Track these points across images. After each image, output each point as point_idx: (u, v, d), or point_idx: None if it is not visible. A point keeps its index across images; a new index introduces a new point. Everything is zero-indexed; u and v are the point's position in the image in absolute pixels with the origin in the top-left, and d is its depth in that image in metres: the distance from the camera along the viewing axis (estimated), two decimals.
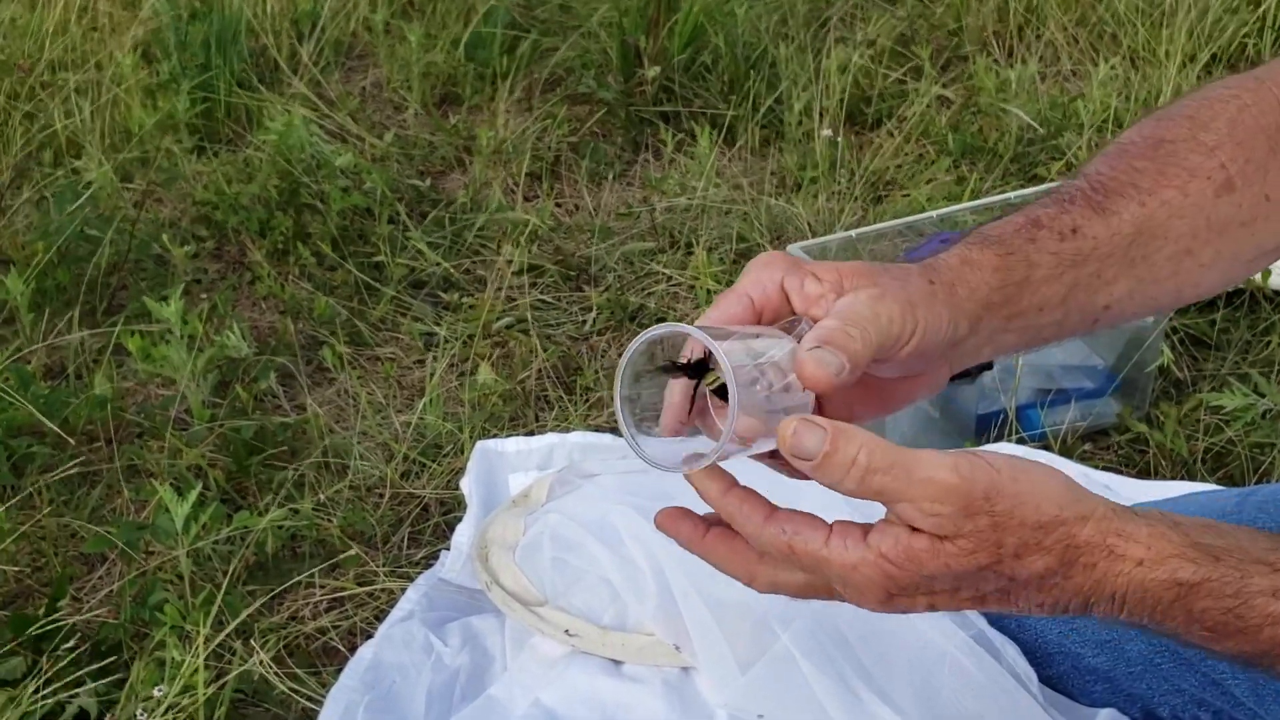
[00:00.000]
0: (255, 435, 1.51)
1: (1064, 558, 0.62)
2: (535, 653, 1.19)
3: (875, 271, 0.68)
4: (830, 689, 1.05)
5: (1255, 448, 1.46)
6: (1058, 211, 0.74)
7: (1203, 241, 0.78)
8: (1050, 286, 0.73)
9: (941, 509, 0.60)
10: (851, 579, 0.62)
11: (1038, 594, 0.63)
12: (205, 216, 2.01)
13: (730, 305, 0.66)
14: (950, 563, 0.61)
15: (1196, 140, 0.78)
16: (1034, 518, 0.62)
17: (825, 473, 0.59)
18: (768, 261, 0.68)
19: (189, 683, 1.10)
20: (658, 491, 1.34)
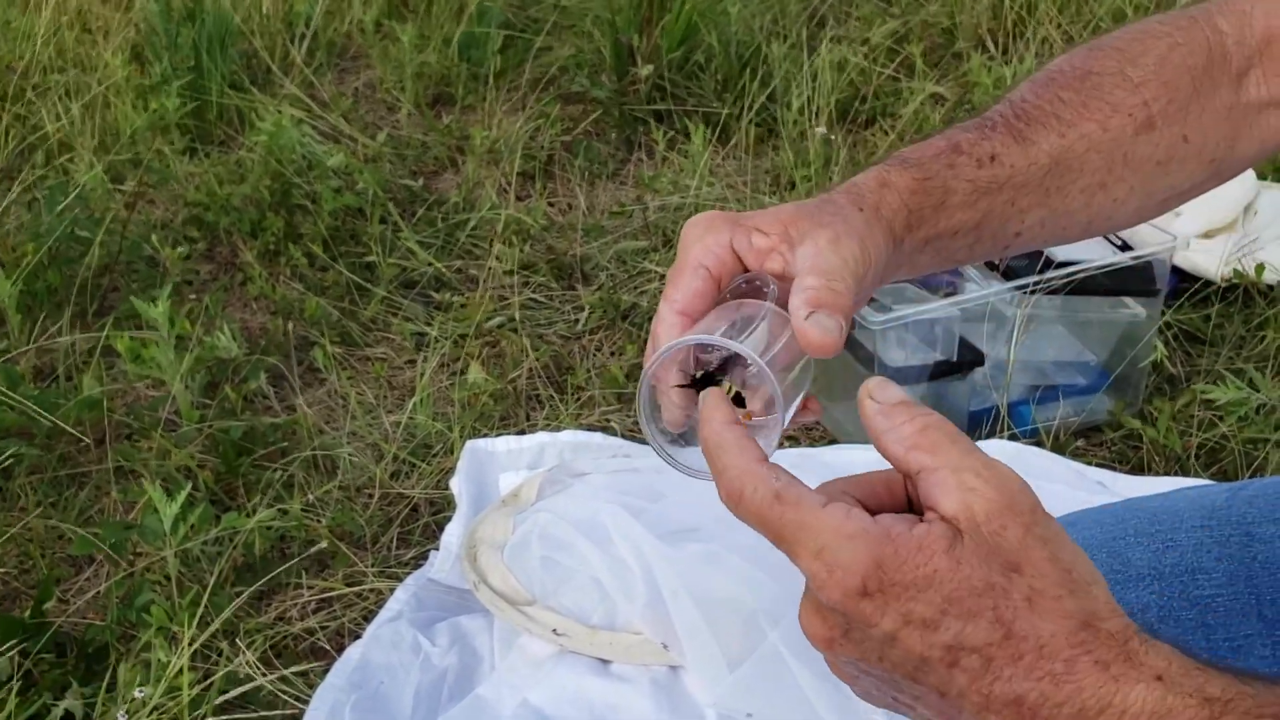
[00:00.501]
0: (244, 436, 1.50)
1: (1078, 637, 0.49)
2: (524, 652, 1.18)
3: (815, 212, 0.67)
4: (819, 687, 1.04)
5: (1249, 443, 1.45)
6: (978, 137, 0.74)
7: (1117, 177, 0.78)
8: (965, 212, 0.73)
9: (986, 489, 0.51)
10: (837, 550, 0.50)
11: (1026, 677, 0.49)
12: (197, 218, 2.01)
13: (692, 282, 0.64)
14: (960, 565, 0.49)
15: (1124, 75, 0.77)
16: (1067, 562, 0.51)
17: (896, 413, 0.54)
18: (708, 226, 0.65)
19: (174, 684, 1.09)
20: (648, 490, 1.34)
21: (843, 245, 0.64)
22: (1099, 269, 1.49)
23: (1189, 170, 0.81)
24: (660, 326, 0.63)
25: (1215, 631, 0.95)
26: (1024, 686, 0.49)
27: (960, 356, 1.49)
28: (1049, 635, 0.49)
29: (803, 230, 0.65)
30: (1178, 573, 1.00)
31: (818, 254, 0.64)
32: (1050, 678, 0.49)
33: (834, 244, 0.64)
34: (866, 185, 0.70)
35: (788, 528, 0.52)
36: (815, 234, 0.65)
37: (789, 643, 1.06)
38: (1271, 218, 1.82)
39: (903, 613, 0.49)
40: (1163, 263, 1.53)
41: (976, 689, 0.49)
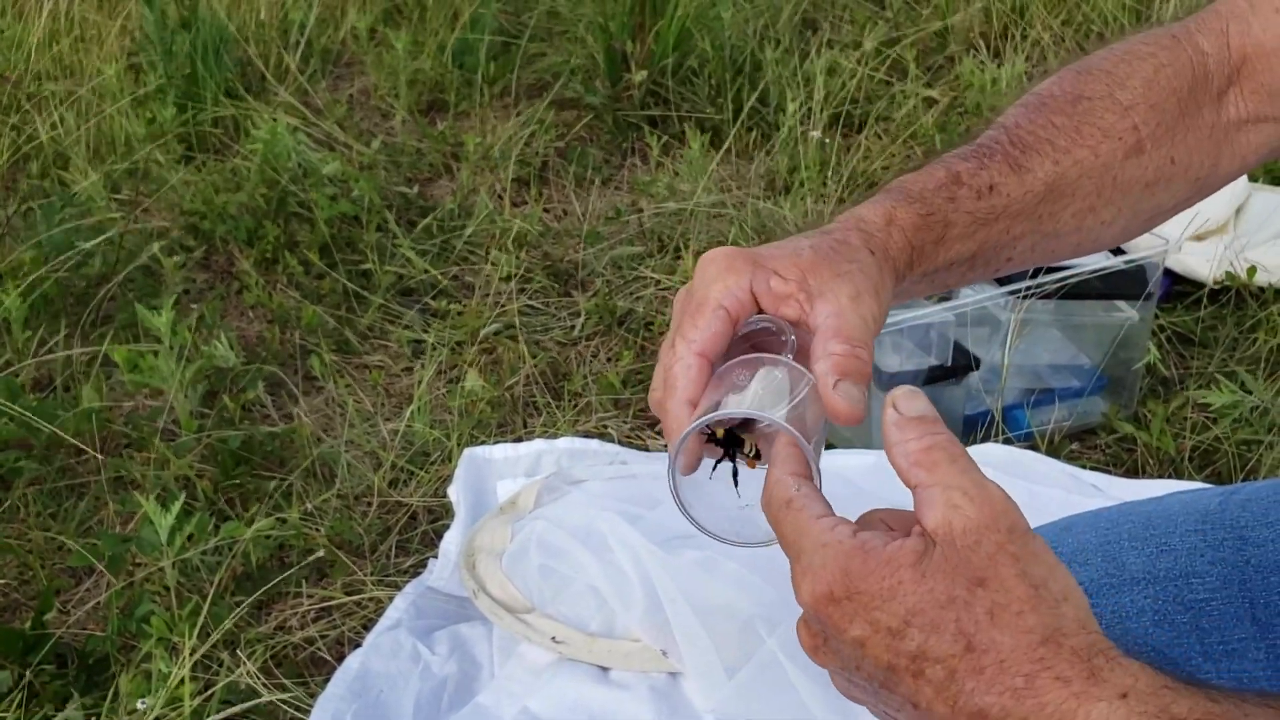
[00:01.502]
0: (243, 445, 1.51)
1: (1037, 653, 0.50)
2: (523, 660, 1.19)
3: (832, 258, 0.68)
4: (817, 693, 1.05)
5: (1242, 445, 1.46)
6: (976, 167, 0.75)
7: (1106, 200, 0.79)
8: (962, 244, 0.74)
9: (969, 507, 0.52)
10: (811, 556, 0.53)
11: (989, 690, 0.50)
12: (193, 226, 2.01)
13: (712, 324, 0.64)
14: (925, 578, 0.51)
15: (1113, 99, 0.79)
16: (1038, 578, 0.51)
17: (909, 428, 0.56)
18: (728, 265, 0.66)
19: (175, 694, 1.09)
20: (645, 497, 1.34)
21: (863, 303, 0.65)
22: (1091, 273, 1.50)
23: (1174, 190, 0.83)
24: (678, 368, 0.63)
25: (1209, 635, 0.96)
26: (987, 700, 0.49)
27: (955, 361, 1.50)
28: (1009, 649, 0.49)
29: (822, 281, 0.66)
30: (1172, 576, 1.01)
31: (840, 314, 0.65)
32: (1011, 692, 0.49)
33: (855, 302, 0.65)
34: (874, 222, 0.71)
35: (788, 533, 0.55)
36: (836, 288, 0.66)
37: (786, 648, 1.07)
38: (1262, 220, 1.83)
39: (869, 620, 0.51)
40: (1155, 266, 1.54)
41: (942, 699, 0.50)
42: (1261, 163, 0.87)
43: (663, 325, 1.79)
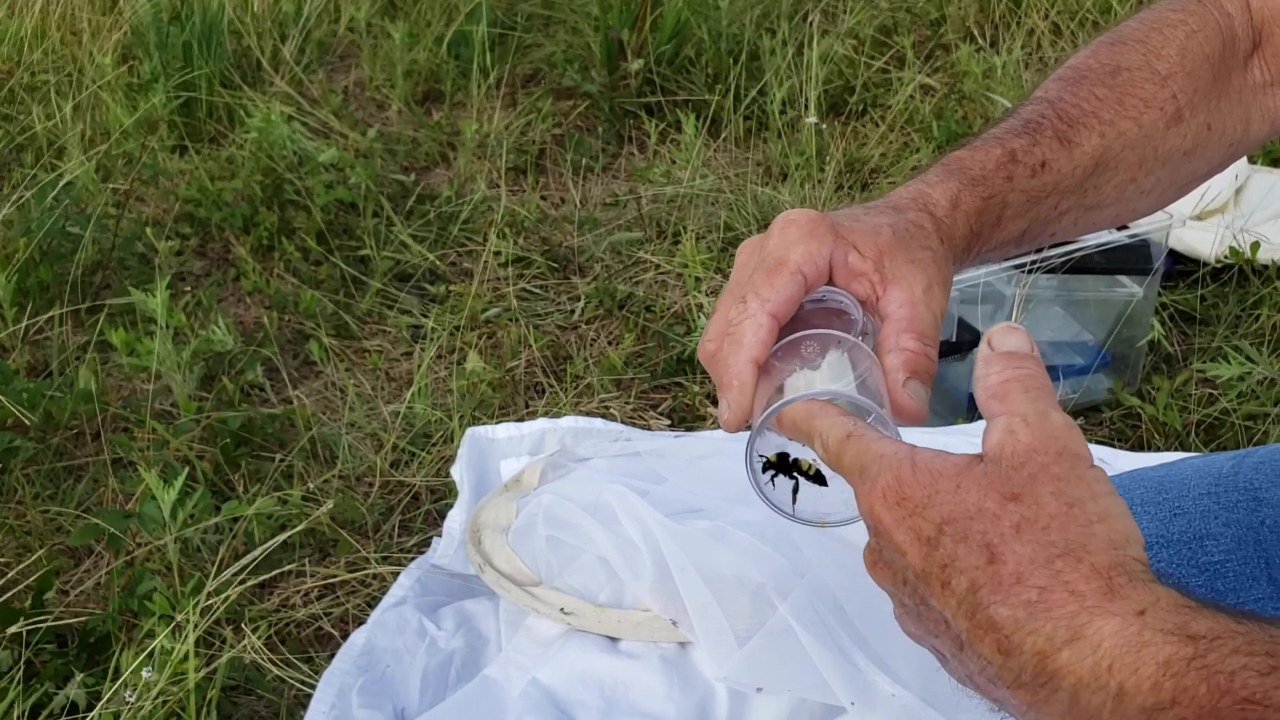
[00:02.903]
0: (242, 427, 1.50)
1: (1055, 566, 0.49)
2: (531, 633, 1.17)
3: (907, 242, 0.68)
4: (829, 659, 1.04)
5: (1248, 418, 1.46)
6: (1029, 144, 0.75)
7: (1147, 170, 0.79)
8: (1015, 223, 0.74)
9: (1024, 432, 0.52)
10: (869, 466, 0.54)
11: (1004, 602, 0.49)
12: (189, 214, 2.00)
13: (788, 287, 0.64)
14: (959, 490, 0.51)
15: (1151, 69, 0.79)
16: (1074, 498, 0.50)
17: (994, 362, 0.55)
18: (811, 230, 0.66)
19: (178, 669, 1.08)
20: (651, 474, 1.33)
21: (934, 296, 0.66)
22: (1095, 248, 1.49)
23: (1209, 156, 0.83)
24: (748, 324, 0.63)
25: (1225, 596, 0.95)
26: (1001, 612, 0.49)
27: (959, 337, 1.50)
28: (1027, 561, 0.49)
29: (896, 265, 0.66)
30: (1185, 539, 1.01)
31: (914, 306, 0.65)
32: (1025, 605, 0.48)
33: (927, 294, 0.66)
34: (942, 205, 0.71)
35: (848, 459, 0.56)
36: (910, 276, 0.66)
37: (798, 616, 1.06)
38: (1262, 200, 1.84)
39: (911, 527, 0.52)
40: (1158, 242, 1.54)
41: (964, 612, 0.50)
42: None
43: (663, 309, 1.78)
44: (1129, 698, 0.46)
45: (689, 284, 1.82)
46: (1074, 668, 0.47)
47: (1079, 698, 0.47)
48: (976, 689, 0.53)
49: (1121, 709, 0.47)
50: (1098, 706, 0.47)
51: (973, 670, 0.51)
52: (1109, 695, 0.47)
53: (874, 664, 1.04)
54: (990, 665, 0.49)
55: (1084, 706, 0.47)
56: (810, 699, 1.05)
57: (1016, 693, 0.49)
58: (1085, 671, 0.47)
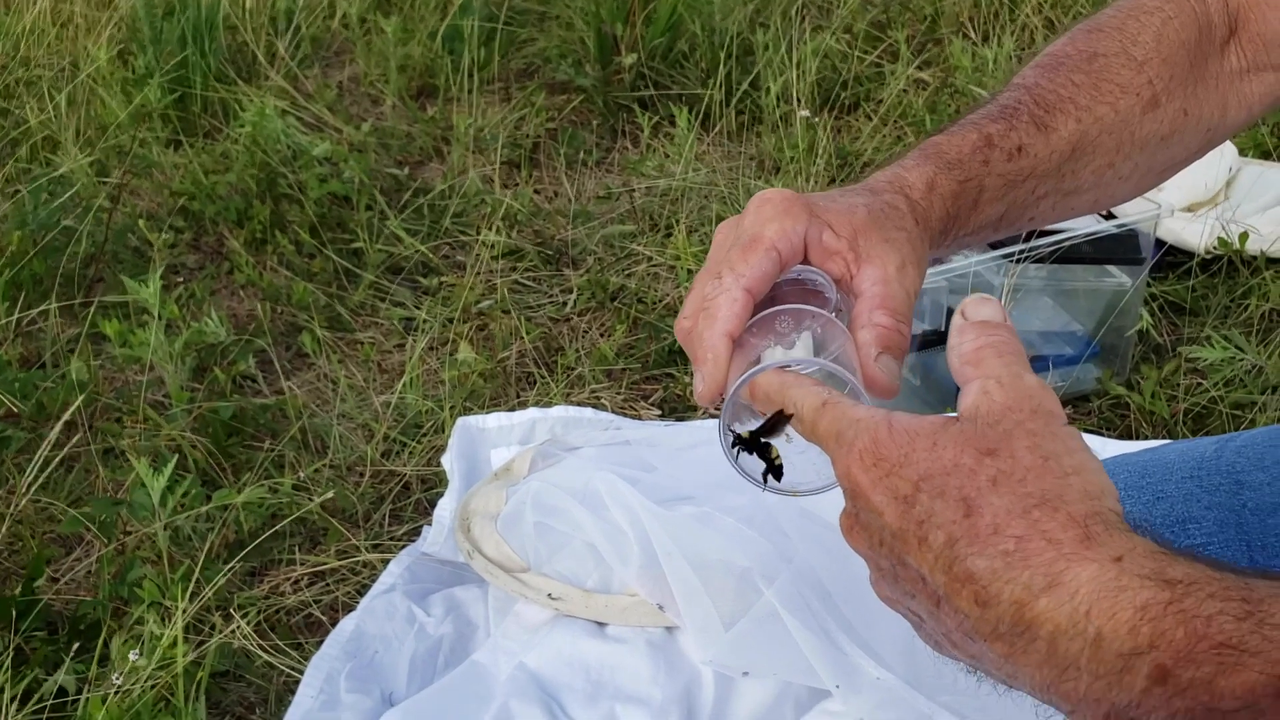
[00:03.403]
0: (234, 416, 1.50)
1: (1032, 516, 0.49)
2: (519, 619, 1.18)
3: (882, 222, 0.68)
4: (814, 643, 1.04)
5: (1235, 406, 1.46)
6: (1006, 128, 0.76)
7: (1125, 155, 0.80)
8: (992, 207, 0.75)
9: (999, 392, 0.53)
10: (845, 430, 0.54)
11: (981, 554, 0.49)
12: (183, 208, 2.01)
13: (763, 263, 0.65)
14: (936, 447, 0.51)
15: (1127, 54, 0.80)
16: (1050, 452, 0.51)
17: (968, 331, 0.57)
18: (786, 208, 0.66)
19: (168, 654, 1.08)
20: (640, 462, 1.34)
21: (907, 275, 0.67)
22: (1083, 237, 1.50)
23: (1188, 142, 0.84)
24: (722, 298, 0.64)
25: None
26: (978, 564, 0.49)
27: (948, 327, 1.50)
28: (1004, 513, 0.49)
29: (871, 244, 0.67)
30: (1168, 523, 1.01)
31: (887, 283, 0.66)
32: (1002, 555, 0.48)
33: (900, 272, 0.66)
34: (918, 188, 0.72)
35: (824, 426, 0.56)
36: (884, 255, 0.67)
37: (784, 600, 1.06)
38: (1252, 192, 1.84)
39: (888, 487, 0.52)
40: (1146, 232, 1.54)
41: (941, 567, 0.50)
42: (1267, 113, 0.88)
43: (655, 300, 1.79)
44: (1106, 642, 0.46)
45: (681, 276, 1.83)
46: (1051, 615, 0.47)
47: (1056, 645, 0.47)
48: (953, 647, 0.53)
49: (1099, 654, 0.47)
50: (1075, 653, 0.47)
51: (950, 627, 0.51)
52: (1086, 641, 0.47)
53: (859, 648, 1.04)
54: (968, 619, 0.49)
55: (1061, 654, 0.47)
56: (796, 682, 1.06)
57: (994, 645, 0.49)
58: (1063, 618, 0.47)
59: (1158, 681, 0.46)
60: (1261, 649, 0.45)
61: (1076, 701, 0.48)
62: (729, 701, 1.07)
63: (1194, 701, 0.46)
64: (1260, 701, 0.45)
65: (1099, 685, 0.47)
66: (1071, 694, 0.48)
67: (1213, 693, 0.46)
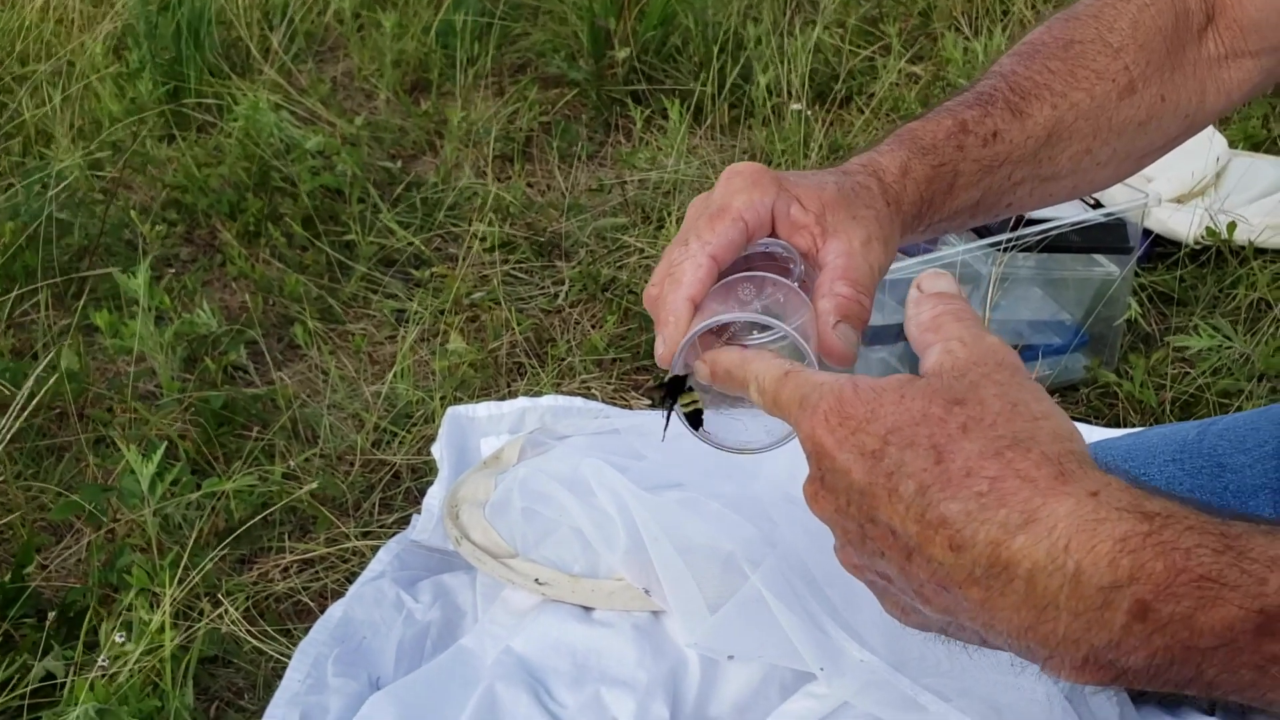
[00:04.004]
0: (225, 406, 1.50)
1: (1005, 456, 0.49)
2: (506, 604, 1.18)
3: (851, 200, 0.70)
4: (799, 627, 1.05)
5: (1222, 395, 1.47)
6: (981, 115, 0.77)
7: (1102, 141, 0.81)
8: (968, 192, 0.77)
9: (961, 350, 0.53)
10: (809, 393, 0.54)
11: (954, 498, 0.48)
12: (175, 201, 2.01)
13: (729, 232, 0.66)
14: (904, 399, 0.51)
15: (1103, 41, 0.81)
16: (1017, 399, 0.51)
17: (925, 302, 0.58)
18: (755, 180, 0.68)
19: (156, 639, 1.09)
20: (629, 451, 1.34)
21: (872, 250, 0.68)
22: (1071, 226, 1.50)
23: (1166, 128, 0.85)
24: (687, 264, 0.65)
25: None
26: (952, 508, 0.48)
27: None
28: (976, 456, 0.49)
29: (838, 220, 0.68)
30: None
31: (850, 256, 0.67)
32: (976, 497, 0.48)
33: (865, 247, 0.67)
34: (891, 172, 0.73)
35: (786, 394, 0.56)
36: (850, 230, 0.68)
37: (769, 584, 1.07)
38: (1241, 183, 1.84)
39: (854, 445, 0.51)
40: (1134, 222, 1.55)
41: (913, 516, 0.49)
42: (1247, 99, 0.89)
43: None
44: (1086, 576, 0.46)
45: None
46: (1029, 551, 0.47)
47: (1035, 583, 0.47)
48: (925, 603, 0.52)
49: (1079, 590, 0.46)
50: (1055, 590, 0.46)
51: (922, 579, 0.50)
52: (1066, 576, 0.46)
53: (843, 631, 1.05)
54: (942, 566, 0.49)
55: (1040, 592, 0.47)
56: (781, 665, 1.06)
57: (969, 590, 0.48)
58: (1041, 554, 0.47)
59: (1137, 618, 0.46)
60: (1241, 582, 0.45)
61: (1055, 644, 0.47)
62: (714, 685, 1.08)
63: (1173, 639, 0.46)
64: (1239, 639, 0.45)
65: (1078, 624, 0.46)
66: (1050, 636, 0.47)
67: (1192, 629, 0.45)
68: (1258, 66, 0.86)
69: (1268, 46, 0.84)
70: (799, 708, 1.04)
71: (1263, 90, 0.88)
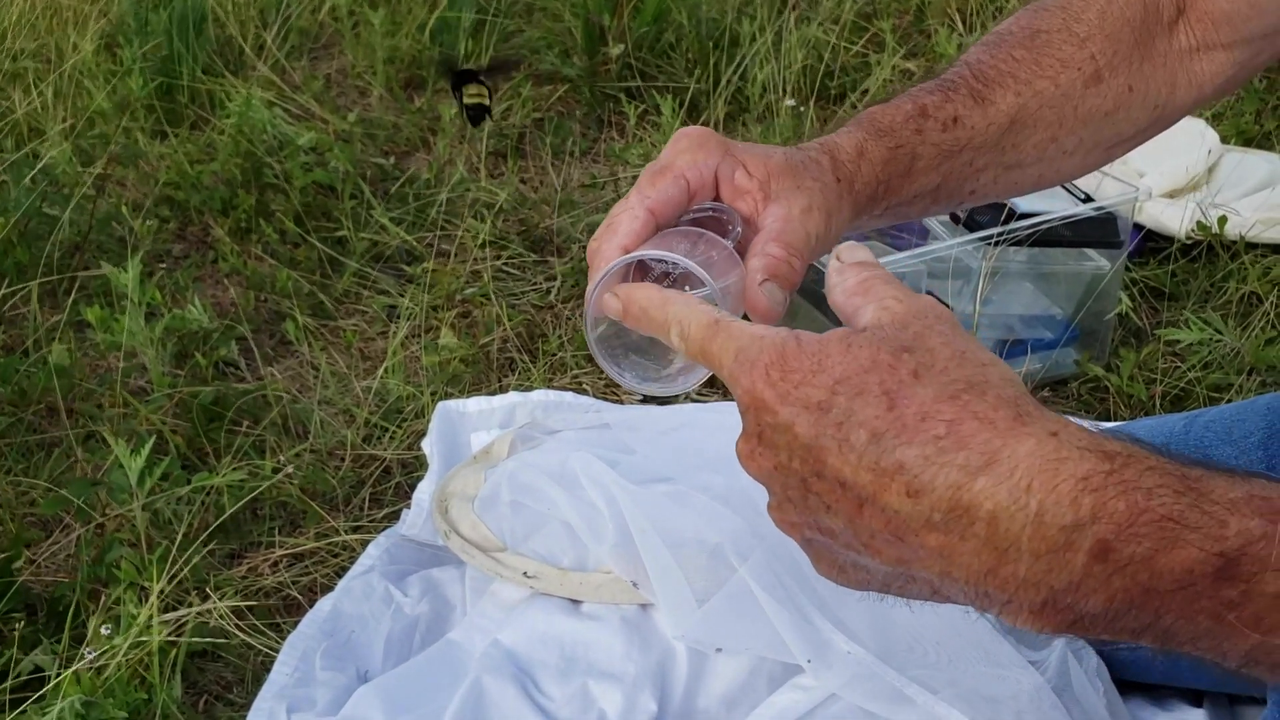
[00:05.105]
0: (215, 401, 1.50)
1: (961, 399, 0.48)
2: (495, 598, 1.18)
3: (798, 171, 0.70)
4: (787, 619, 1.05)
5: (1213, 388, 1.47)
6: (942, 100, 0.77)
7: (1068, 130, 0.81)
8: (928, 176, 0.77)
9: (898, 306, 0.53)
10: (747, 347, 0.53)
11: (910, 443, 0.47)
12: (168, 197, 2.01)
13: (670, 189, 0.67)
14: (850, 349, 0.50)
15: (1070, 31, 0.81)
16: (963, 346, 0.51)
17: (848, 270, 0.57)
18: (702, 143, 0.68)
19: (143, 633, 1.09)
20: (620, 446, 1.34)
21: (812, 218, 0.68)
22: (1061, 220, 1.50)
23: (1135, 118, 0.85)
24: (624, 215, 0.65)
25: None
26: (908, 454, 0.48)
27: None
28: (931, 400, 0.48)
29: (782, 187, 0.68)
30: None
31: (788, 221, 0.67)
32: (933, 440, 0.47)
33: (805, 214, 0.68)
34: (847, 151, 0.73)
35: (717, 344, 0.54)
36: (792, 197, 0.68)
37: (757, 577, 1.07)
38: (1233, 178, 1.84)
39: (799, 398, 0.50)
40: (1124, 216, 1.55)
41: (865, 466, 0.48)
42: (1220, 93, 0.89)
43: None
44: (1049, 515, 0.45)
45: None
46: (991, 493, 0.46)
47: (997, 525, 0.46)
48: (874, 555, 0.50)
49: (1041, 531, 0.46)
50: (1016, 532, 0.46)
51: (875, 528, 0.49)
52: (1029, 517, 0.46)
53: (831, 623, 1.05)
54: (898, 514, 0.48)
55: (1002, 535, 0.46)
56: (768, 657, 1.06)
57: (927, 536, 0.48)
58: (1003, 495, 0.46)
59: (1098, 559, 0.45)
60: (1201, 524, 0.45)
61: (1015, 588, 0.47)
62: (702, 677, 1.07)
63: (1132, 581, 0.45)
64: (1198, 582, 0.45)
65: (1039, 566, 0.46)
66: (1010, 579, 0.47)
67: (1152, 570, 0.45)
68: (1230, 59, 0.86)
69: (1239, 39, 0.84)
70: (787, 700, 1.04)
71: (1237, 83, 0.88)
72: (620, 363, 0.64)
